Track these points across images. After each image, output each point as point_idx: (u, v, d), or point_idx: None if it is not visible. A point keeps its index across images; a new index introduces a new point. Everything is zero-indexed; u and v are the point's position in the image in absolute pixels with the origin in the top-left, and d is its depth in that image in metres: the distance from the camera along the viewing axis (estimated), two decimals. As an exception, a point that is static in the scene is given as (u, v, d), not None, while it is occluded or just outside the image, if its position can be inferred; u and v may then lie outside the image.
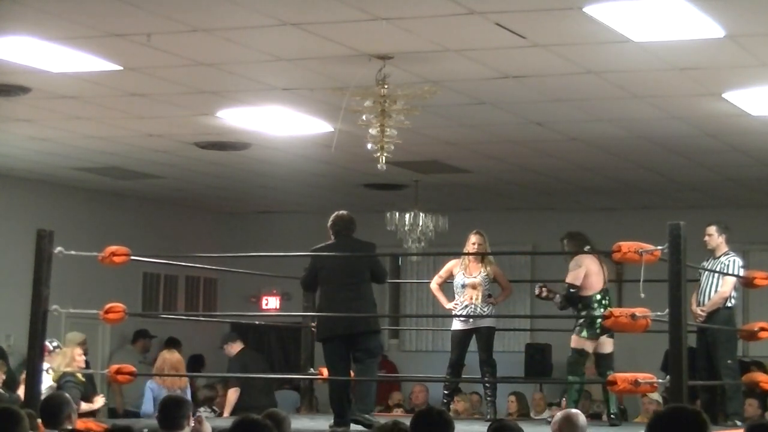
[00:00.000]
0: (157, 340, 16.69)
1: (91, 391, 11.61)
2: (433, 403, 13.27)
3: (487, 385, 11.07)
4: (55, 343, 11.44)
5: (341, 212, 10.12)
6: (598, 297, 10.55)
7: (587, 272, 10.49)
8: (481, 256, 10.95)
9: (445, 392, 11.27)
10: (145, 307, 17.28)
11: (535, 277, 16.65)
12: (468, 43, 9.12)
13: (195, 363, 17.74)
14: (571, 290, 10.47)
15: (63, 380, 11.01)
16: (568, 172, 14.57)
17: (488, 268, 10.97)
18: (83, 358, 11.41)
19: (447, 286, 11.34)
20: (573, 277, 10.51)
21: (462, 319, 10.86)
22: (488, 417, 10.87)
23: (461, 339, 10.96)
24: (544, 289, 10.71)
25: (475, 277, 10.87)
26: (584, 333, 10.55)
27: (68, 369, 11.01)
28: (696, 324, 10.62)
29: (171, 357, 11.98)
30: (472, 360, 11.08)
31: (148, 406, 11.74)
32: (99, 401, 11.67)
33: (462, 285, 10.90)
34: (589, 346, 10.60)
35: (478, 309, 10.85)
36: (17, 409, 6.21)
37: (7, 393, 11.31)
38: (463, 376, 11.47)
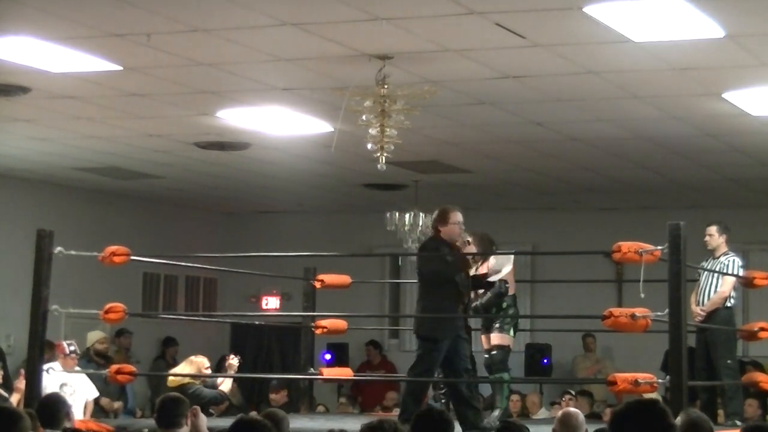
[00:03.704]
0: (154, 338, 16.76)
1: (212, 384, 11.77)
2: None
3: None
4: (72, 347, 11.42)
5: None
6: (515, 298, 10.56)
7: (509, 272, 10.48)
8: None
9: (441, 392, 11.24)
10: (145, 307, 17.28)
11: (535, 277, 16.66)
12: (468, 43, 9.12)
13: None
14: (507, 285, 10.37)
15: (191, 390, 11.10)
16: (568, 172, 14.57)
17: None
18: (209, 370, 11.65)
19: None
20: (508, 275, 10.41)
21: None
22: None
23: None
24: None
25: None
26: (512, 332, 10.45)
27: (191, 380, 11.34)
28: (695, 324, 10.62)
29: None
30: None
31: None
32: (227, 384, 11.82)
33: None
34: (511, 344, 10.51)
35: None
36: (16, 409, 6.20)
37: (6, 393, 11.32)
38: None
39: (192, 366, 11.47)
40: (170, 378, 11.50)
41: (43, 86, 10.65)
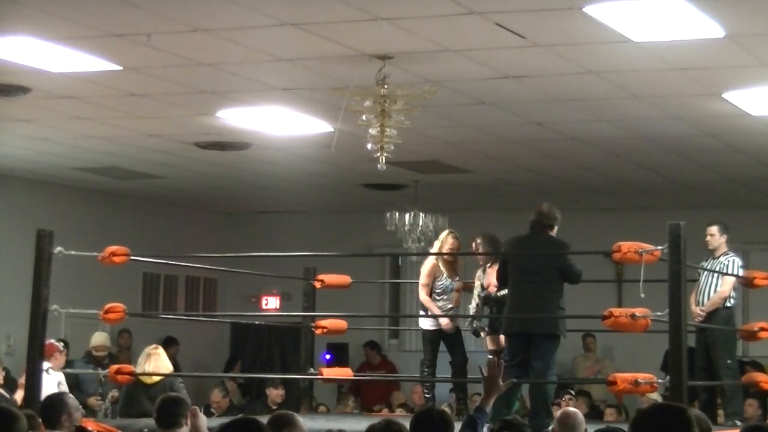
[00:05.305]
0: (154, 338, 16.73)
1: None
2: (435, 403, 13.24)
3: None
4: (61, 344, 11.44)
5: (543, 204, 10.04)
6: None
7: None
8: (455, 260, 11.02)
9: (426, 395, 11.27)
10: (145, 307, 17.28)
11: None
12: (468, 43, 9.12)
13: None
14: (501, 292, 10.40)
15: (176, 384, 11.15)
16: (568, 172, 14.57)
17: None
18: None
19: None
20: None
21: (440, 319, 10.89)
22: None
23: (435, 339, 11.01)
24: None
25: (458, 281, 10.99)
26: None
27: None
28: (695, 324, 10.61)
29: None
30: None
31: None
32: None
33: (451, 289, 10.94)
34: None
35: (460, 312, 10.99)
36: (14, 410, 6.19)
37: (7, 393, 11.32)
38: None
39: (160, 356, 11.33)
40: (153, 377, 11.34)
41: (43, 86, 10.65)
